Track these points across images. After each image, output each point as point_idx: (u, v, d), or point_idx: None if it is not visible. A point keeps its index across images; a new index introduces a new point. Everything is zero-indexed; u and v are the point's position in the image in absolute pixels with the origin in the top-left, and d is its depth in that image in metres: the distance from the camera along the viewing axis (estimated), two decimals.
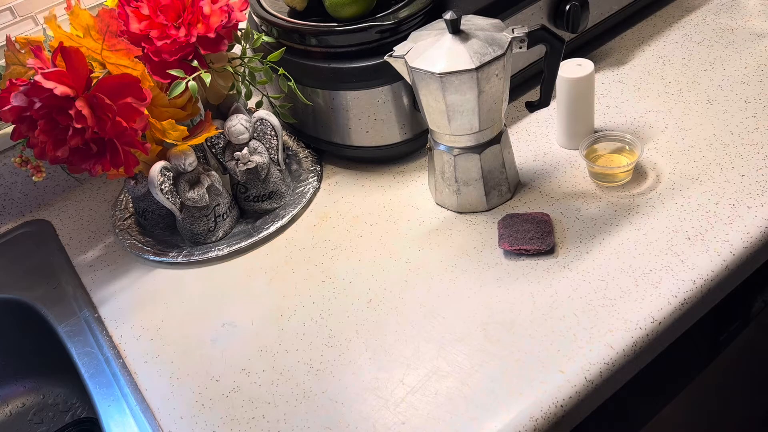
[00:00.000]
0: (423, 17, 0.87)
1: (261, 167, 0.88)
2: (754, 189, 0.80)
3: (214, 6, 0.81)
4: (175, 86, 0.79)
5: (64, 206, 1.03)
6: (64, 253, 0.94)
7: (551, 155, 0.91)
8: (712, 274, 0.73)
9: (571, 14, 0.96)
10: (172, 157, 0.84)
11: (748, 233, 0.76)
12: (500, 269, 0.78)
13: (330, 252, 0.85)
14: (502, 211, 0.85)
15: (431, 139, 0.84)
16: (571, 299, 0.73)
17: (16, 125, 0.76)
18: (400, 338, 0.73)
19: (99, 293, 0.87)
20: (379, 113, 0.89)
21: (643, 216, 0.80)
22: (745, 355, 1.03)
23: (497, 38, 0.76)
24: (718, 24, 1.06)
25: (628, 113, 0.95)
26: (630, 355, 0.68)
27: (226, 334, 0.78)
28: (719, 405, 1.08)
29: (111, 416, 0.73)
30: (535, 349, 0.69)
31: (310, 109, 0.93)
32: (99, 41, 0.79)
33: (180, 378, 0.75)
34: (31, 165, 0.90)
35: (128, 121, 0.76)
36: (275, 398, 0.71)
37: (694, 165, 0.85)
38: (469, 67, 0.73)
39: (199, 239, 0.89)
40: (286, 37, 0.90)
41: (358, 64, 0.86)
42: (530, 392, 0.66)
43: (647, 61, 1.02)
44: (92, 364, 0.78)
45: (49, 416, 0.98)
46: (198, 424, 0.70)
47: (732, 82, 0.96)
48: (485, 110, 0.78)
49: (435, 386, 0.68)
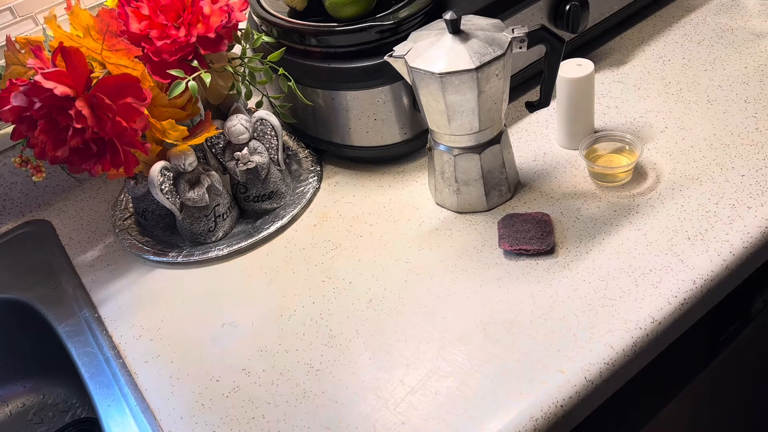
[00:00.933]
0: (423, 17, 0.87)
1: (261, 167, 0.88)
2: (754, 189, 0.80)
3: (214, 6, 0.81)
4: (175, 86, 0.79)
5: (64, 206, 1.03)
6: (64, 253, 0.94)
7: (551, 155, 0.91)
8: (712, 274, 0.73)
9: (571, 14, 0.96)
10: (172, 157, 0.84)
11: (748, 233, 0.76)
12: (500, 269, 0.78)
13: (330, 252, 0.85)
14: (502, 211, 0.85)
15: (431, 139, 0.84)
16: (571, 299, 0.73)
17: (16, 125, 0.76)
18: (400, 338, 0.73)
19: (99, 293, 0.87)
20: (379, 113, 0.89)
21: (643, 216, 0.80)
22: (745, 355, 1.03)
23: (497, 38, 0.76)
24: (718, 24, 1.06)
25: (628, 113, 0.95)
26: (630, 355, 0.68)
27: (226, 334, 0.78)
28: (719, 405, 1.08)
29: (111, 416, 0.73)
30: (535, 349, 0.69)
31: (310, 109, 0.93)
32: (99, 41, 0.79)
33: (180, 378, 0.75)
34: (31, 165, 0.90)
35: (128, 121, 0.76)
36: (275, 398, 0.71)
37: (694, 165, 0.85)
38: (469, 67, 0.73)
39: (199, 239, 0.89)
40: (286, 37, 0.90)
41: (358, 64, 0.86)
42: (530, 392, 0.66)
43: (647, 61, 1.02)
44: (92, 364, 0.78)
45: (49, 416, 0.97)
46: (198, 424, 0.70)
47: (732, 82, 0.96)
48: (485, 110, 0.78)
49: (435, 386, 0.68)
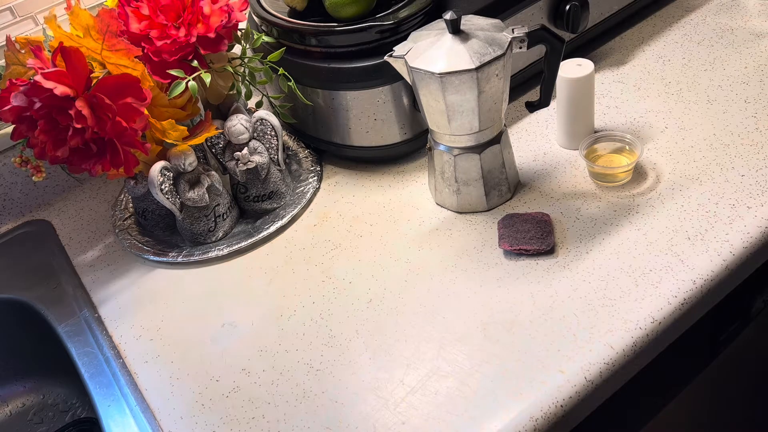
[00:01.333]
0: (423, 17, 0.87)
1: (261, 167, 0.88)
2: (754, 189, 0.80)
3: (214, 6, 0.81)
4: (175, 86, 0.79)
5: (64, 206, 1.02)
6: (64, 253, 0.94)
7: (551, 155, 0.91)
8: (712, 274, 0.73)
9: (571, 14, 0.96)
10: (172, 157, 0.84)
11: (748, 233, 0.76)
12: (500, 269, 0.78)
13: (330, 252, 0.85)
14: (502, 211, 0.85)
15: (431, 139, 0.84)
16: (571, 299, 0.73)
17: (16, 125, 0.76)
18: (400, 338, 0.73)
19: (99, 293, 0.87)
20: (379, 113, 0.89)
21: (643, 216, 0.80)
22: (745, 355, 1.03)
23: (497, 38, 0.76)
24: (718, 24, 1.06)
25: (628, 113, 0.95)
26: (630, 355, 0.68)
27: (226, 334, 0.78)
28: (719, 405, 1.08)
29: (111, 416, 0.73)
30: (535, 349, 0.69)
31: (310, 109, 0.93)
32: (99, 41, 0.79)
33: (180, 378, 0.75)
34: (31, 165, 0.90)
35: (128, 121, 0.76)
36: (275, 398, 0.71)
37: (694, 165, 0.85)
38: (469, 67, 0.73)
39: (199, 239, 0.89)
40: (286, 37, 0.90)
41: (358, 64, 0.86)
42: (530, 392, 0.66)
43: (647, 61, 1.02)
44: (92, 364, 0.78)
45: (49, 416, 0.97)
46: (198, 424, 0.70)
47: (732, 82, 0.96)
48: (485, 110, 0.78)
49: (435, 386, 0.68)
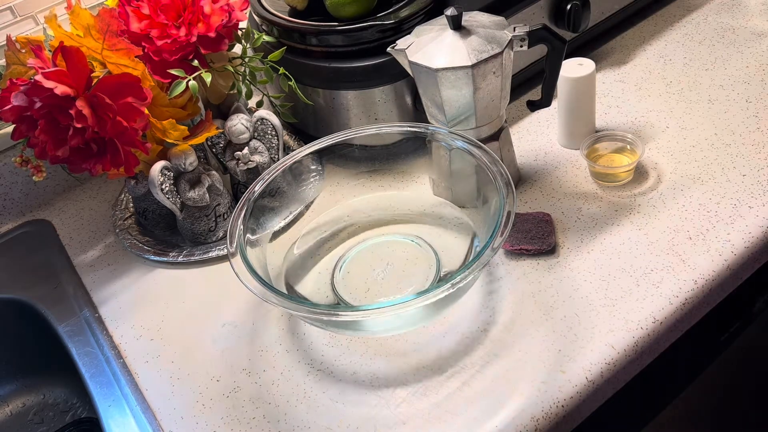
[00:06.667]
0: (424, 17, 0.87)
1: (261, 167, 0.88)
2: (755, 189, 0.80)
3: (215, 5, 0.81)
4: (176, 86, 0.79)
5: (64, 206, 1.02)
6: (64, 253, 0.94)
7: (552, 155, 0.91)
8: (714, 274, 0.73)
9: (573, 14, 0.96)
10: (173, 157, 0.83)
11: (749, 233, 0.76)
12: (501, 269, 0.78)
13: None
14: None
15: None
16: (572, 299, 0.73)
17: (17, 125, 0.76)
18: (400, 338, 0.73)
19: (99, 293, 0.87)
20: (380, 113, 0.89)
21: (644, 216, 0.80)
22: (747, 355, 1.03)
23: (497, 36, 0.76)
24: (720, 23, 1.06)
25: (629, 113, 0.95)
26: (631, 355, 0.68)
27: (226, 334, 0.78)
28: (720, 405, 1.08)
29: (111, 416, 0.73)
30: (535, 349, 0.69)
31: (310, 108, 0.93)
32: (99, 41, 0.79)
33: (180, 378, 0.75)
34: (32, 165, 0.90)
35: (129, 121, 0.76)
36: (276, 398, 0.71)
37: (696, 165, 0.85)
38: (465, 64, 0.73)
39: (200, 239, 0.89)
40: (287, 36, 0.90)
41: (359, 64, 0.86)
42: (531, 392, 0.66)
43: (648, 61, 1.02)
44: (92, 364, 0.78)
45: (49, 416, 0.97)
46: (198, 425, 0.70)
47: (733, 81, 0.96)
48: (482, 107, 0.78)
49: (436, 386, 0.68)
